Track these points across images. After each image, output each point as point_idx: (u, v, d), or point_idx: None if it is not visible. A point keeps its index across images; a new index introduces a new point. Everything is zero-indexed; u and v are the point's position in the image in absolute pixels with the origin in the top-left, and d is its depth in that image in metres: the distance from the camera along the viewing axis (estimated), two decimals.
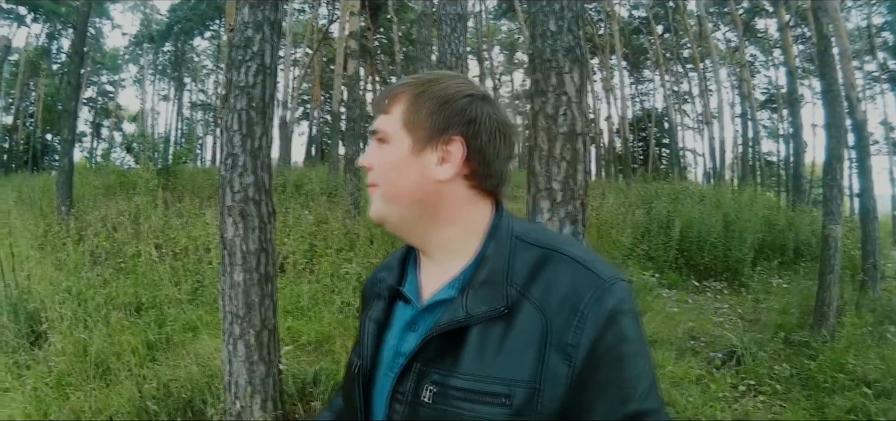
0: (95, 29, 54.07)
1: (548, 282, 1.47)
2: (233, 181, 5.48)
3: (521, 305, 1.45)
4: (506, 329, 1.44)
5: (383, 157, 1.63)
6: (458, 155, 1.57)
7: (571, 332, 1.39)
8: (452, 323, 1.48)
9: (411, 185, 1.59)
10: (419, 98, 1.60)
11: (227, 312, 5.60)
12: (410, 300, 1.66)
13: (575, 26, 4.75)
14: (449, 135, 1.57)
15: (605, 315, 1.40)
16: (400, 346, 1.61)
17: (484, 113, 1.60)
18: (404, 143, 1.60)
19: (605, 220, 16.02)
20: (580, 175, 4.70)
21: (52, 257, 11.72)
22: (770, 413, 7.27)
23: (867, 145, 13.95)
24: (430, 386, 1.47)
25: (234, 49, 5.69)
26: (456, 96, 1.59)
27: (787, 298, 11.65)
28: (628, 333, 1.43)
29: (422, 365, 1.50)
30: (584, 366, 1.38)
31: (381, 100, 1.68)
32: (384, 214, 1.66)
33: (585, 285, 1.44)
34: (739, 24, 36.67)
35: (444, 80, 1.64)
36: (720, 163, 37.79)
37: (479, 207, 1.64)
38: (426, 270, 1.69)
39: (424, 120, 1.58)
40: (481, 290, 1.50)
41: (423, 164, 1.58)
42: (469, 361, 1.44)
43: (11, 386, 6.79)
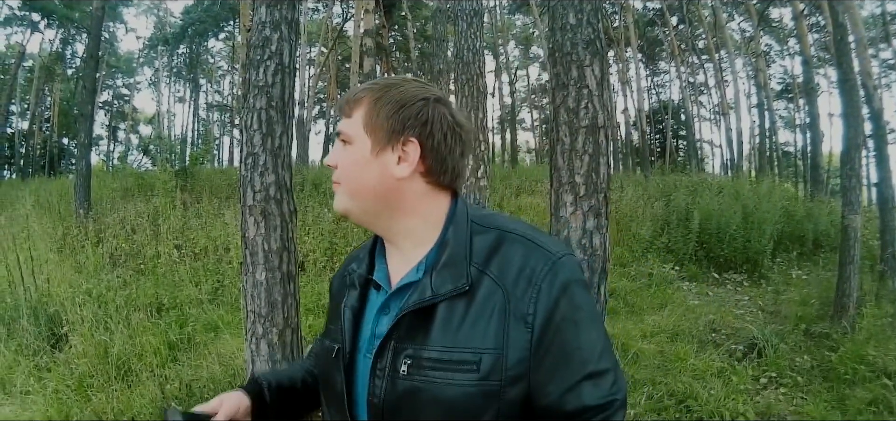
0: (109, 33, 54.28)
1: (504, 259, 1.65)
2: (253, 180, 5.47)
3: (481, 282, 1.63)
4: (469, 304, 1.62)
5: (347, 157, 1.78)
6: (414, 154, 1.72)
7: (528, 302, 1.58)
8: (421, 302, 1.64)
9: (372, 182, 1.74)
10: (378, 103, 1.73)
11: (250, 312, 5.60)
12: (381, 286, 1.82)
13: (594, 19, 4.74)
14: (405, 136, 1.71)
15: (558, 286, 1.60)
16: (375, 328, 1.76)
17: (437, 114, 1.74)
18: (365, 144, 1.74)
19: (625, 213, 16.02)
20: (603, 168, 4.70)
21: (72, 260, 11.75)
22: (792, 405, 7.23)
23: (885, 134, 13.85)
24: (406, 359, 1.62)
25: (252, 49, 5.68)
26: (411, 100, 1.72)
27: (806, 290, 11.59)
28: (580, 301, 1.63)
29: (396, 342, 1.65)
30: (542, 332, 1.58)
31: (344, 104, 1.81)
32: (347, 208, 1.81)
33: (539, 260, 1.63)
34: (754, 14, 36.55)
35: (401, 85, 1.77)
36: (737, 154, 37.79)
37: (438, 200, 1.81)
38: (393, 258, 1.85)
39: (383, 123, 1.72)
40: (445, 270, 1.67)
41: (383, 164, 1.73)
42: (438, 335, 1.61)
43: (33, 389, 6.82)
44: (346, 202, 1.81)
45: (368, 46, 20.61)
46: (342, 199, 1.81)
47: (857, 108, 10.83)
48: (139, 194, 19.13)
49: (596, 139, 4.66)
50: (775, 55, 48.85)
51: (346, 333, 1.79)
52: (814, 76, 27.22)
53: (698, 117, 54.71)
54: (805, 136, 36.40)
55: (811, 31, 34.56)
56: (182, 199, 16.55)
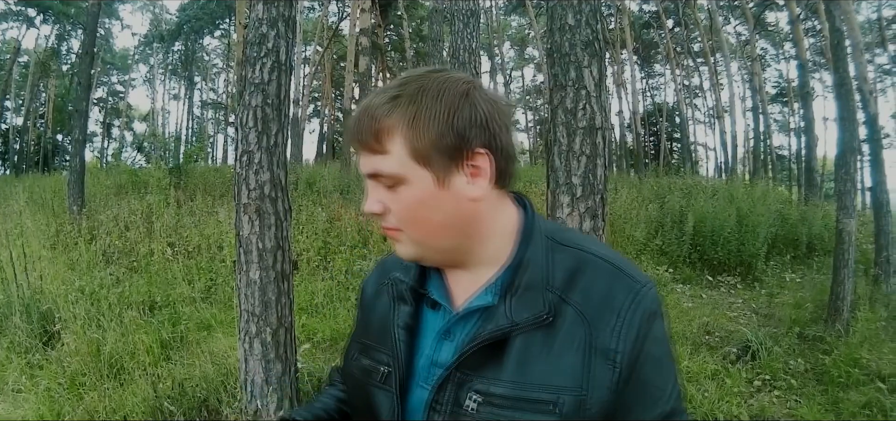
0: (105, 29, 54.27)
1: (586, 286, 1.44)
2: (248, 178, 5.46)
3: (562, 311, 1.42)
4: (548, 335, 1.41)
5: (402, 200, 1.47)
6: (487, 164, 1.45)
7: (613, 336, 1.38)
8: (497, 332, 1.42)
9: (447, 217, 1.48)
10: (417, 122, 1.41)
11: (244, 311, 5.59)
12: (440, 305, 1.59)
13: (593, 20, 4.73)
14: (470, 149, 1.43)
15: (642, 319, 1.40)
16: (435, 355, 1.54)
17: (486, 104, 1.46)
18: (424, 179, 1.44)
19: (619, 214, 16.00)
20: (600, 170, 4.69)
21: (65, 257, 11.73)
22: (786, 408, 7.25)
23: (880, 139, 13.87)
24: (473, 395, 1.42)
25: (248, 45, 5.67)
26: (454, 101, 1.42)
27: (800, 293, 11.63)
28: (660, 334, 1.45)
29: (461, 374, 1.45)
30: (627, 370, 1.38)
31: (368, 138, 1.46)
32: (421, 254, 1.56)
33: (623, 290, 1.43)
34: (750, 18, 36.60)
35: (430, 86, 1.44)
36: (732, 157, 37.78)
37: (506, 206, 1.58)
38: (454, 273, 1.61)
39: (436, 144, 1.42)
40: (523, 296, 1.45)
41: (455, 192, 1.45)
42: (512, 369, 1.40)
43: (25, 387, 6.78)
44: (415, 250, 1.54)
45: (364, 45, 20.69)
46: (410, 247, 1.53)
47: (852, 113, 10.86)
48: (133, 192, 19.07)
49: (593, 140, 4.65)
50: (771, 59, 49.26)
51: (400, 356, 1.56)
52: (809, 80, 27.28)
53: (693, 120, 55.09)
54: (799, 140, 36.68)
55: (807, 35, 34.65)
56: (176, 197, 16.50)
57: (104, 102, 66.05)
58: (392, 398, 1.54)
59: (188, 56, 62.63)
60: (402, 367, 1.55)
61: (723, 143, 40.48)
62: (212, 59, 68.33)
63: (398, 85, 1.47)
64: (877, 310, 9.67)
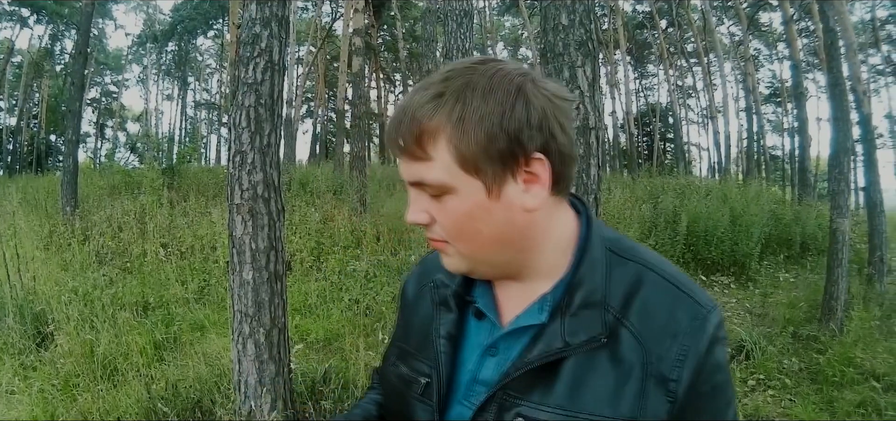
0: (98, 29, 54.26)
1: (644, 306, 1.30)
2: (241, 179, 5.44)
3: (618, 333, 1.29)
4: (603, 359, 1.28)
5: (450, 212, 1.32)
6: (544, 171, 1.28)
7: (672, 364, 1.25)
8: (549, 355, 1.30)
9: (499, 230, 1.32)
10: (464, 124, 1.25)
11: (237, 311, 5.57)
12: (485, 316, 1.46)
13: (587, 20, 4.73)
14: (526, 154, 1.26)
15: (704, 346, 1.26)
16: (478, 372, 1.42)
17: (542, 100, 1.27)
18: (473, 187, 1.28)
19: (612, 215, 15.99)
20: (593, 170, 4.68)
21: (58, 258, 11.70)
22: (780, 408, 7.26)
23: (873, 139, 13.90)
24: (518, 419, 1.30)
25: (242, 45, 5.65)
26: (507, 98, 1.25)
27: (794, 293, 11.67)
28: (722, 361, 1.31)
29: (505, 395, 1.33)
30: (684, 401, 1.24)
31: (405, 141, 1.30)
32: (471, 268, 1.41)
33: (685, 313, 1.28)
34: (743, 18, 36.61)
35: (477, 81, 1.26)
36: (725, 157, 37.87)
37: (562, 213, 1.41)
38: (503, 283, 1.46)
39: (487, 149, 1.25)
40: (579, 315, 1.31)
41: (508, 202, 1.29)
42: (562, 395, 1.28)
43: (18, 388, 6.76)
44: (464, 264, 1.39)
45: (357, 46, 20.59)
46: (458, 261, 1.39)
47: (845, 113, 10.87)
48: (126, 192, 19.07)
49: (587, 140, 4.64)
50: (764, 59, 49.40)
51: (441, 368, 1.44)
52: (803, 80, 27.28)
53: (686, 120, 55.09)
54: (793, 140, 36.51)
55: (801, 35, 34.76)
56: (169, 198, 16.52)
57: (97, 103, 65.99)
58: (431, 413, 1.43)
59: (181, 56, 62.68)
60: (444, 381, 1.44)
61: (716, 143, 40.51)
62: (205, 60, 68.33)
63: (442, 80, 1.30)
64: (871, 309, 9.71)
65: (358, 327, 8.37)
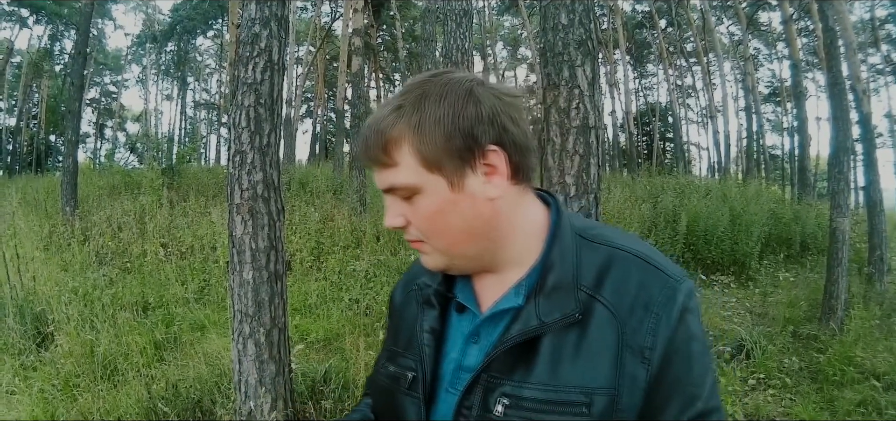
0: (97, 30, 54.24)
1: (617, 282, 1.39)
2: (241, 179, 5.44)
3: (592, 309, 1.38)
4: (579, 335, 1.37)
5: (420, 210, 1.44)
6: (501, 161, 1.40)
7: (646, 333, 1.33)
8: (526, 333, 1.39)
9: (467, 222, 1.43)
10: (422, 128, 1.37)
11: (237, 311, 5.57)
12: (466, 308, 1.56)
13: (586, 19, 4.71)
14: (481, 147, 1.38)
15: (676, 315, 1.35)
16: (462, 359, 1.51)
17: (491, 99, 1.40)
18: (439, 185, 1.40)
19: (612, 214, 16.00)
20: (593, 169, 4.67)
21: (58, 258, 11.71)
22: (780, 407, 7.26)
23: (873, 138, 13.89)
24: (502, 398, 1.38)
25: (241, 45, 5.65)
26: (459, 101, 1.38)
27: (794, 292, 11.65)
28: (695, 330, 1.38)
29: (489, 377, 1.41)
30: (659, 367, 1.33)
31: (376, 153, 1.43)
32: (447, 264, 1.51)
33: (656, 285, 1.38)
34: (743, 18, 36.61)
35: (432, 91, 1.40)
36: (725, 156, 37.85)
37: (529, 202, 1.52)
38: (482, 276, 1.56)
39: (445, 148, 1.37)
40: (552, 296, 1.41)
41: (471, 194, 1.40)
42: (543, 371, 1.37)
43: (18, 388, 6.76)
44: (441, 260, 1.50)
45: (357, 46, 20.59)
46: (436, 257, 1.50)
47: (845, 112, 10.88)
48: (126, 192, 19.07)
49: (587, 140, 4.64)
50: (763, 59, 49.40)
51: (426, 360, 1.54)
52: (802, 80, 27.27)
53: (686, 120, 55.05)
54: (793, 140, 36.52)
55: (800, 35, 34.76)
56: (169, 198, 16.55)
57: (97, 103, 66.04)
58: (418, 405, 1.51)
59: (181, 56, 62.66)
60: (428, 372, 1.53)
61: (716, 142, 40.54)
62: (204, 60, 68.31)
63: (400, 94, 1.44)
64: (871, 308, 9.71)
65: (358, 327, 8.38)
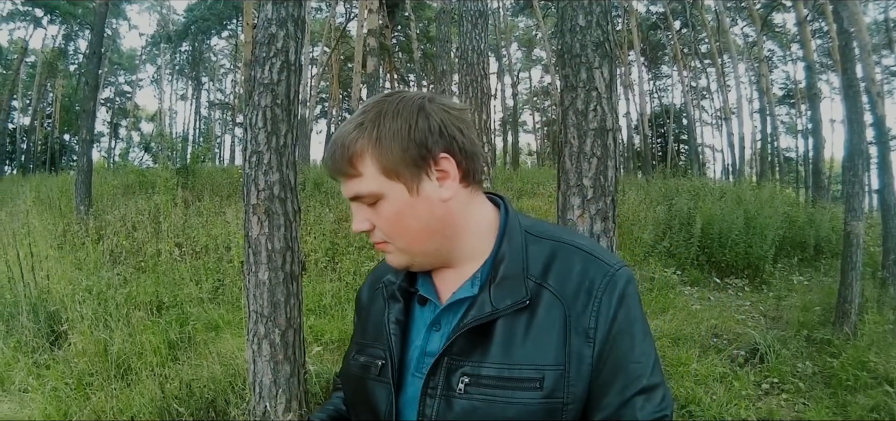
0: (112, 30, 54.31)
1: (562, 271, 1.58)
2: (257, 179, 5.45)
3: (540, 296, 1.55)
4: (529, 318, 1.53)
5: (383, 214, 1.62)
6: (452, 167, 1.60)
7: (589, 315, 1.51)
8: (480, 318, 1.55)
9: (424, 222, 1.62)
10: (381, 143, 1.57)
11: (252, 311, 5.58)
12: (428, 300, 1.72)
13: (604, 21, 4.72)
14: (432, 156, 1.58)
15: (616, 298, 1.53)
16: (426, 346, 1.66)
17: (439, 113, 1.60)
18: (397, 191, 1.59)
19: (627, 216, 16.00)
20: (610, 171, 4.68)
21: (72, 257, 11.71)
22: (794, 412, 7.24)
23: (887, 141, 13.81)
24: (463, 377, 1.54)
25: (257, 46, 5.66)
26: (411, 116, 1.57)
27: (808, 296, 11.59)
28: (636, 313, 1.56)
29: (450, 360, 1.56)
30: (602, 346, 1.50)
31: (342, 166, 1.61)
32: (409, 261, 1.69)
33: (597, 273, 1.56)
34: (757, 19, 36.52)
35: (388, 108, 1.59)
36: (739, 159, 37.68)
37: (479, 204, 1.71)
38: (440, 273, 1.74)
39: (402, 158, 1.57)
40: (503, 284, 1.58)
41: (427, 197, 1.60)
42: (498, 352, 1.52)
43: (32, 386, 6.78)
44: (404, 258, 1.68)
45: (372, 46, 20.63)
46: (399, 256, 1.68)
47: (860, 114, 10.83)
48: (140, 192, 19.12)
49: (604, 142, 4.64)
50: (778, 60, 49.21)
51: (393, 348, 1.68)
52: (816, 82, 27.22)
53: (700, 122, 54.94)
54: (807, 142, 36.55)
55: (814, 36, 34.66)
56: (183, 198, 16.55)
57: (111, 103, 66.18)
58: (388, 389, 1.65)
59: (195, 56, 62.71)
60: (396, 358, 1.67)
61: (730, 144, 40.45)
62: (219, 60, 68.34)
63: (360, 113, 1.63)
64: (885, 313, 9.65)
65: None
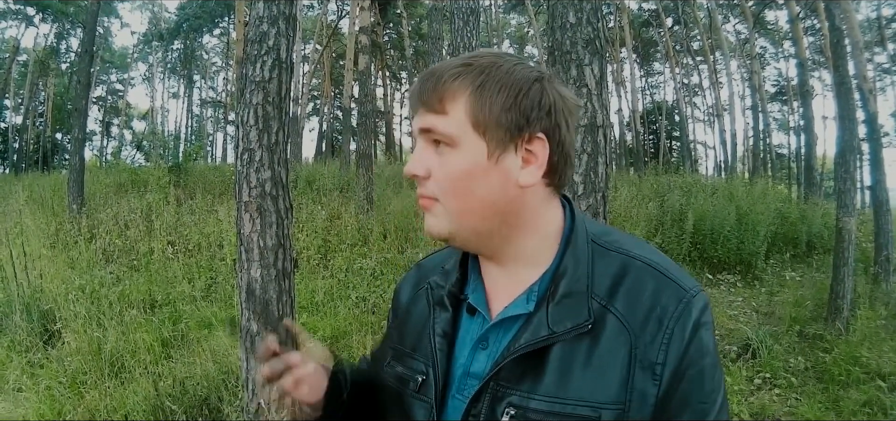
0: (104, 28, 54.19)
1: (631, 293, 1.35)
2: (249, 176, 5.45)
3: (604, 320, 1.33)
4: (590, 346, 1.32)
5: (450, 165, 1.40)
6: (544, 154, 1.39)
7: (658, 348, 1.29)
8: (534, 342, 1.34)
9: (491, 195, 1.39)
10: (484, 91, 1.36)
11: (245, 309, 5.58)
12: (477, 312, 1.50)
13: (594, 18, 4.72)
14: (530, 132, 1.37)
15: (690, 329, 1.30)
16: (470, 365, 1.46)
17: (557, 97, 1.40)
18: (477, 147, 1.37)
19: (619, 213, 15.98)
20: (601, 168, 4.68)
21: (64, 256, 11.72)
22: (786, 406, 7.27)
23: (879, 137, 13.85)
24: (509, 409, 1.34)
25: (249, 43, 5.66)
26: (526, 82, 1.37)
27: (800, 291, 11.62)
28: (708, 345, 1.33)
29: (496, 386, 1.37)
30: (670, 383, 1.28)
31: (427, 94, 1.40)
32: (452, 231, 1.44)
33: (670, 298, 1.33)
34: (749, 17, 36.55)
35: (502, 62, 1.39)
36: (731, 155, 37.74)
37: (554, 207, 1.49)
38: (494, 278, 1.52)
39: (499, 117, 1.36)
40: (563, 304, 1.36)
41: (505, 170, 1.38)
42: (551, 382, 1.32)
43: (25, 385, 6.79)
44: (447, 225, 1.43)
45: (363, 44, 20.59)
46: (443, 220, 1.44)
47: (851, 111, 10.88)
48: (133, 190, 19.07)
49: (595, 138, 4.64)
50: (770, 57, 49.15)
51: (437, 364, 1.48)
52: (808, 79, 27.26)
53: (692, 118, 54.98)
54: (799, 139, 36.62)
55: (807, 33, 34.64)
56: (175, 196, 16.52)
57: (103, 101, 65.99)
58: (429, 409, 1.47)
59: (187, 54, 62.60)
60: (440, 376, 1.47)
61: (722, 141, 40.45)
62: (211, 58, 68.25)
63: (471, 55, 1.43)
64: (877, 308, 9.69)
65: (365, 325, 8.41)
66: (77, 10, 44.08)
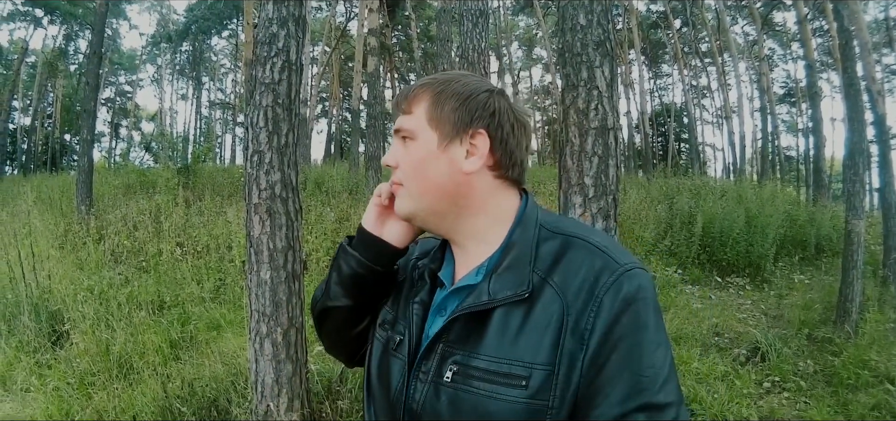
0: (112, 30, 54.32)
1: (568, 267, 1.51)
2: (259, 178, 5.45)
3: (542, 290, 1.50)
4: (527, 313, 1.48)
5: (410, 154, 1.70)
6: (484, 147, 1.65)
7: (587, 315, 1.42)
8: (475, 306, 1.54)
9: (440, 178, 1.65)
10: (441, 96, 1.66)
11: (254, 311, 5.58)
12: (444, 284, 1.72)
13: (604, 20, 4.71)
14: (473, 128, 1.64)
15: (621, 300, 1.42)
16: (429, 328, 1.68)
17: (503, 106, 1.67)
18: (431, 138, 1.66)
19: (628, 215, 15.97)
20: (611, 170, 4.67)
21: (73, 257, 11.73)
22: (795, 410, 7.24)
23: (888, 139, 13.80)
24: (452, 366, 1.53)
25: (258, 45, 5.66)
26: (476, 92, 1.66)
27: (809, 294, 11.58)
28: (646, 321, 1.42)
29: (445, 346, 1.57)
30: (597, 350, 1.40)
31: (401, 100, 1.74)
32: (413, 210, 1.72)
33: (604, 270, 1.46)
34: (757, 18, 36.49)
35: (461, 78, 1.70)
36: (740, 158, 37.65)
37: (506, 196, 1.71)
38: (458, 257, 1.75)
39: (448, 115, 1.65)
40: (505, 274, 1.55)
41: (451, 158, 1.65)
42: (491, 343, 1.50)
43: (33, 386, 6.80)
44: (410, 204, 1.72)
45: (372, 46, 20.64)
46: (406, 201, 1.72)
47: (860, 113, 10.83)
48: (141, 191, 19.13)
49: (605, 141, 4.63)
50: (778, 59, 49.15)
51: (413, 327, 1.70)
52: (817, 80, 27.20)
53: (701, 120, 54.92)
54: (807, 141, 36.54)
55: (815, 35, 34.62)
56: (184, 197, 16.53)
57: (112, 102, 66.22)
58: (402, 364, 1.68)
59: (196, 56, 62.76)
60: (414, 336, 1.69)
61: (731, 143, 40.46)
62: (219, 60, 68.39)
63: (441, 73, 1.75)
64: (886, 311, 9.69)
65: None
66: (85, 11, 44.26)
